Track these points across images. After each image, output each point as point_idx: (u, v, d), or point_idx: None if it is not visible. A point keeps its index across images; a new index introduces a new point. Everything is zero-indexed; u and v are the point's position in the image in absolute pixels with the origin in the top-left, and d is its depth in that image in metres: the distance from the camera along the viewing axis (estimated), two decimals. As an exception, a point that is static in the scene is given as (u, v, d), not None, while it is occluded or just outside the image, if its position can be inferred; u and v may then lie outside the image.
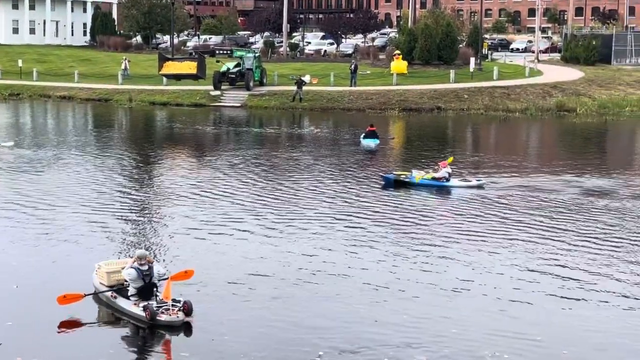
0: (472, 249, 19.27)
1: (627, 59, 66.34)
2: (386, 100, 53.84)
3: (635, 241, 20.28)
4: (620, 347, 13.56)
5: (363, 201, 24.93)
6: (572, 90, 55.96)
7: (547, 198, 25.47)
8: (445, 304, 15.48)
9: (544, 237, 20.63)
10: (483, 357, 13.08)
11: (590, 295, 16.00)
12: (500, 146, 41.82)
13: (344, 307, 15.33)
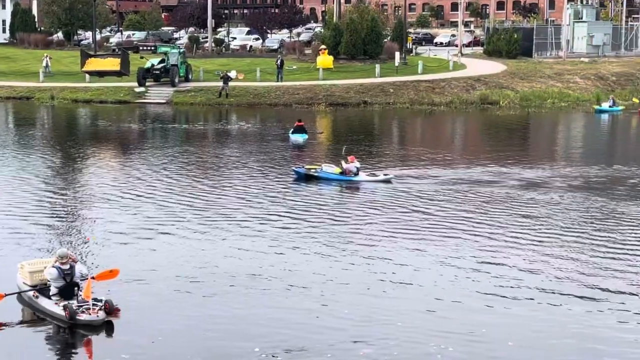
0: (397, 245, 19.35)
1: (547, 52, 67.60)
2: (313, 95, 53.89)
3: (561, 233, 20.67)
4: (554, 344, 13.80)
5: (285, 198, 24.88)
6: (495, 83, 56.84)
7: (471, 190, 25.81)
8: (382, 300, 15.51)
9: (471, 231, 20.88)
10: (429, 351, 13.17)
11: (521, 292, 16.14)
12: (425, 139, 42.24)
13: (280, 304, 15.29)
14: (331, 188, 26.47)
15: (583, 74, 60.09)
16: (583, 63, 63.46)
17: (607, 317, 14.55)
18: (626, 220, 21.78)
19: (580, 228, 20.95)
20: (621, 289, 15.98)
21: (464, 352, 13.12)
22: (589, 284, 16.33)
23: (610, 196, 24.87)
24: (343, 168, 27.27)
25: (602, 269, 17.29)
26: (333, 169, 27.62)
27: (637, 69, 61.94)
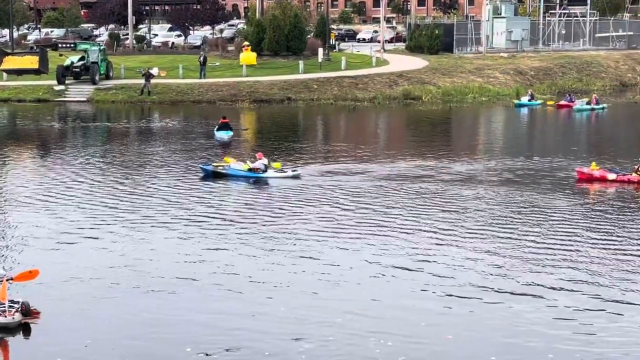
0: (327, 244, 19.32)
1: (468, 48, 68.56)
2: (237, 92, 53.61)
3: (490, 228, 20.97)
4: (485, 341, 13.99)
5: (210, 198, 24.73)
6: (417, 78, 57.40)
7: (398, 186, 26.01)
8: (318, 299, 15.48)
9: (401, 227, 21.03)
10: (369, 346, 13.22)
11: (455, 289, 16.23)
12: (350, 135, 42.40)
13: (211, 306, 15.16)
14: (255, 186, 26.40)
15: (502, 69, 61.14)
16: (502, 58, 64.56)
17: (542, 313, 14.70)
18: (552, 213, 22.20)
19: (508, 222, 21.25)
20: (554, 284, 16.13)
21: (404, 347, 13.21)
22: (523, 279, 16.48)
23: (534, 189, 25.34)
24: (251, 165, 27.20)
25: (533, 264, 17.49)
26: (241, 165, 27.55)
27: (554, 64, 63.34)
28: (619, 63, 66.15)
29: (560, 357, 12.89)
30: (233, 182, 26.66)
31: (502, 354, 13.02)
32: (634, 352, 13.08)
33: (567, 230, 20.37)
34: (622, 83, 63.28)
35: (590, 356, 12.91)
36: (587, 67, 63.91)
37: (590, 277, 16.61)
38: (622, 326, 14.10)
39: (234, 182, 26.66)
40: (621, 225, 20.96)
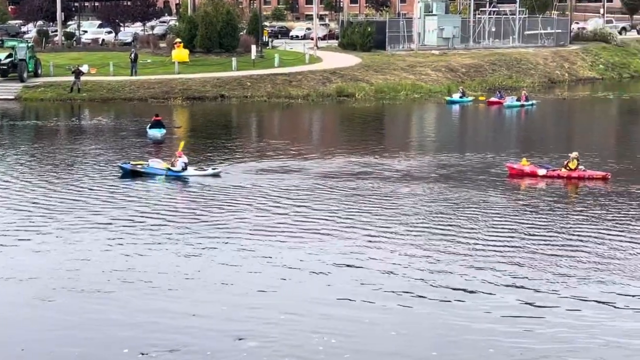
0: (264, 243, 19.26)
1: (400, 45, 69.03)
2: (169, 89, 53.07)
3: (427, 225, 21.15)
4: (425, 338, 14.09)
5: (140, 197, 24.55)
6: (350, 76, 57.59)
7: (333, 184, 26.07)
8: (259, 298, 15.39)
9: (338, 225, 21.08)
10: (312, 343, 13.24)
11: (397, 286, 16.35)
12: (284, 132, 42.32)
13: (150, 306, 15.00)
14: (190, 185, 26.18)
15: (434, 66, 61.72)
16: (434, 55, 65.18)
17: (482, 308, 14.85)
18: (485, 209, 22.47)
19: (445, 219, 21.41)
20: (493, 280, 16.31)
21: (348, 345, 13.25)
22: (461, 275, 16.62)
23: (468, 185, 25.64)
24: (168, 167, 26.99)
25: (471, 261, 17.67)
26: (160, 164, 27.34)
27: (485, 61, 64.17)
28: (547, 60, 67.36)
29: (501, 351, 13.06)
30: (167, 182, 26.38)
31: (444, 349, 13.14)
32: (574, 345, 13.30)
33: (503, 226, 20.66)
34: (551, 80, 64.45)
35: (531, 350, 13.07)
36: (517, 64, 64.92)
37: (527, 272, 16.87)
38: (561, 320, 14.30)
39: (168, 182, 26.38)
40: (553, 220, 21.34)
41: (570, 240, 19.38)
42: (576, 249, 18.55)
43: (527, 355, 12.87)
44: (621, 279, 16.37)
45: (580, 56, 70.04)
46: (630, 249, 18.48)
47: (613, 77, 68.24)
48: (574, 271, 16.87)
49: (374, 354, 13.06)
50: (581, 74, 67.49)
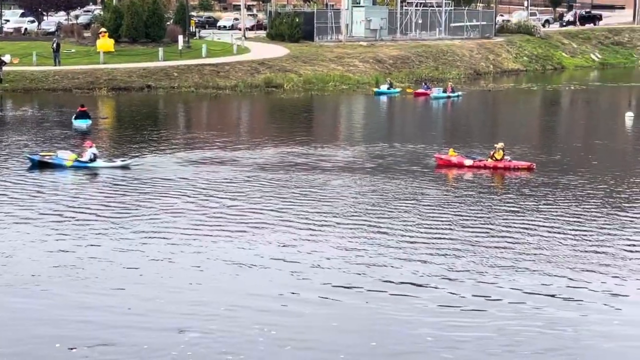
0: (193, 236, 19.10)
1: (328, 36, 69.11)
2: (94, 79, 52.15)
3: (364, 217, 21.22)
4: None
5: (58, 188, 24.22)
6: (278, 66, 57.47)
7: (263, 175, 26.00)
8: (197, 292, 15.27)
9: (271, 217, 21.02)
10: (252, 334, 13.20)
11: (336, 279, 16.44)
12: (212, 124, 42.04)
13: (84, 299, 14.76)
14: (117, 178, 25.78)
15: (362, 57, 61.99)
16: (362, 47, 65.44)
17: (421, 300, 14.92)
18: (415, 200, 22.68)
19: (377, 210, 21.51)
20: (427, 272, 16.39)
21: (288, 336, 13.24)
22: (399, 268, 16.65)
23: (397, 176, 25.82)
24: (77, 158, 26.63)
25: (407, 252, 17.75)
26: (68, 155, 26.96)
27: (412, 53, 64.71)
28: (473, 52, 68.26)
29: (442, 341, 13.12)
30: (61, 173, 25.92)
31: (383, 340, 13.18)
32: (512, 337, 13.42)
33: (433, 217, 20.84)
34: (476, 71, 65.35)
35: (471, 340, 13.18)
36: (443, 56, 65.64)
37: (458, 262, 17.04)
38: (498, 310, 14.42)
39: (89, 175, 25.97)
40: (481, 211, 21.61)
41: (499, 230, 19.67)
42: (505, 239, 18.82)
43: (466, 346, 12.98)
44: (552, 269, 16.62)
45: (504, 48, 71.17)
46: (557, 239, 18.82)
47: (537, 69, 69.55)
48: (505, 262, 17.09)
49: (314, 344, 13.06)
50: (506, 65, 68.60)
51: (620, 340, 13.23)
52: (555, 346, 12.96)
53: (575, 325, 13.78)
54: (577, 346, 13.03)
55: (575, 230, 19.54)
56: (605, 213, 21.26)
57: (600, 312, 14.41)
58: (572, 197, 23.13)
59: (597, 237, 19.02)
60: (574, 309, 14.57)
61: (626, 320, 14.13)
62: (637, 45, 78.72)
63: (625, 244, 18.43)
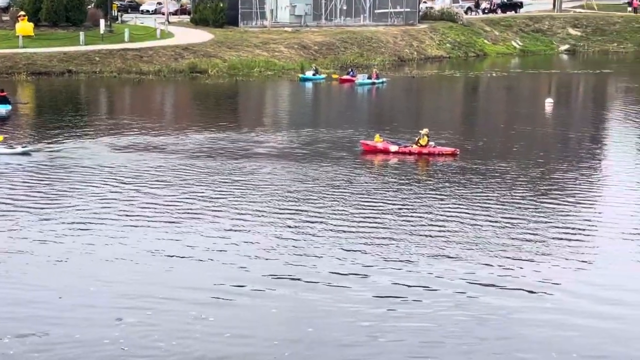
0: (114, 223, 18.90)
1: (253, 21, 68.73)
2: (13, 64, 50.83)
3: (282, 205, 21.17)
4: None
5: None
6: (203, 52, 56.94)
7: (187, 163, 25.76)
8: (128, 281, 15.11)
9: (195, 205, 20.83)
10: (186, 324, 13.08)
11: (251, 275, 16.37)
12: (136, 109, 41.44)
13: (11, 292, 14.45)
14: (35, 166, 25.20)
15: (287, 43, 61.84)
16: (287, 32, 65.26)
17: (355, 289, 14.89)
18: (343, 187, 22.72)
19: (306, 197, 21.50)
20: (368, 262, 16.36)
21: (225, 323, 13.25)
22: (331, 258, 16.57)
23: (324, 162, 25.91)
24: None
25: (335, 240, 17.73)
26: None
27: (337, 39, 64.79)
28: (397, 39, 68.70)
29: (380, 331, 13.15)
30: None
31: (320, 330, 13.18)
32: (451, 324, 13.54)
33: (361, 204, 20.93)
34: (400, 58, 65.80)
35: (409, 329, 13.23)
36: (368, 42, 65.90)
37: (393, 251, 17.09)
38: (433, 302, 14.44)
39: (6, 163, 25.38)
40: (408, 197, 21.79)
41: (428, 217, 19.81)
42: (435, 226, 18.94)
43: (404, 336, 13.01)
44: (482, 256, 16.76)
45: (428, 35, 71.82)
46: (486, 225, 19.00)
47: (459, 56, 70.35)
48: (436, 250, 17.22)
49: (254, 333, 12.99)
50: (429, 52, 69.24)
51: (553, 327, 13.37)
52: (490, 335, 13.02)
53: (509, 314, 13.87)
54: (510, 335, 13.07)
55: (502, 216, 19.78)
56: (529, 198, 21.63)
57: (533, 300, 14.52)
58: (496, 182, 23.50)
59: (525, 223, 19.23)
60: (507, 296, 14.64)
61: (558, 307, 14.23)
62: (556, 33, 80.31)
63: (552, 230, 18.70)
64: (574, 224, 19.16)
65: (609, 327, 13.39)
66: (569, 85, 55.40)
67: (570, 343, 12.81)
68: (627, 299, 14.56)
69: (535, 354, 12.36)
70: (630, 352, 12.54)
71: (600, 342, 12.86)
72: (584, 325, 13.40)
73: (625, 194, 22.30)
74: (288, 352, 12.29)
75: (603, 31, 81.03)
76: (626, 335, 13.14)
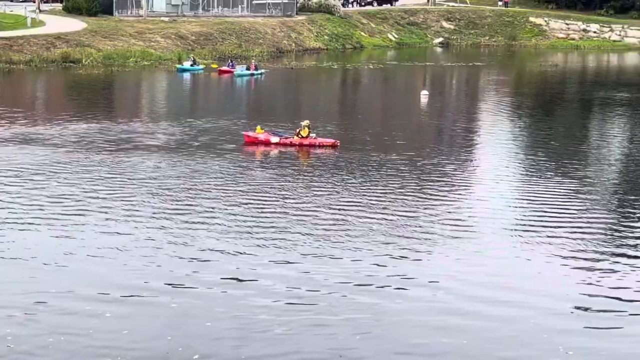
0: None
1: (128, 10, 67.38)
2: None
3: (170, 200, 20.83)
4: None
5: None
6: (76, 41, 55.45)
7: (59, 156, 25.07)
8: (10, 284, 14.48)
9: (76, 200, 20.27)
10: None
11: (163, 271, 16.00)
12: (4, 100, 39.91)
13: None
14: None
15: (164, 33, 60.93)
16: (163, 22, 64.32)
17: (242, 291, 14.45)
18: (225, 179, 22.52)
19: (191, 191, 21.11)
20: (254, 260, 15.88)
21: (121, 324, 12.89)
22: (235, 254, 16.18)
23: (207, 154, 25.65)
24: None
25: (222, 238, 17.49)
26: None
27: (215, 29, 64.29)
28: (275, 30, 68.72)
29: (285, 326, 12.98)
30: None
31: (215, 327, 13.03)
32: (339, 323, 13.45)
33: (246, 198, 20.72)
34: (279, 49, 65.89)
35: (295, 333, 12.99)
36: (246, 33, 65.66)
37: (273, 247, 17.00)
38: (312, 300, 14.29)
39: None
40: (293, 189, 21.75)
41: (311, 210, 19.70)
42: (313, 219, 18.87)
43: (286, 341, 12.77)
44: (365, 250, 16.69)
45: (306, 27, 72.15)
46: (367, 217, 19.01)
47: (337, 48, 71.00)
48: (317, 246, 17.15)
49: (144, 330, 12.75)
50: (307, 44, 69.58)
51: (426, 327, 13.19)
52: (362, 335, 12.70)
53: (381, 312, 13.54)
54: (382, 334, 12.79)
55: (385, 207, 19.73)
56: (408, 190, 21.72)
57: (407, 298, 14.21)
58: (375, 174, 23.67)
59: (403, 217, 19.08)
60: (379, 294, 14.31)
61: (433, 306, 13.98)
62: (431, 26, 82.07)
63: (429, 224, 18.60)
64: (451, 218, 19.02)
65: (482, 326, 13.05)
66: (443, 78, 56.72)
67: (440, 344, 12.42)
68: (503, 297, 14.23)
69: (407, 357, 12.10)
70: (500, 353, 12.33)
71: (470, 342, 12.48)
72: (455, 324, 13.03)
73: (499, 185, 22.79)
74: (181, 347, 12.10)
75: (475, 25, 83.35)
76: (500, 334, 12.84)
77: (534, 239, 17.39)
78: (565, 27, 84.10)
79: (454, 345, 12.36)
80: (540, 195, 21.25)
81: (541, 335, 12.76)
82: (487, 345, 12.46)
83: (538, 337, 12.73)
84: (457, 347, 12.33)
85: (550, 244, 17.03)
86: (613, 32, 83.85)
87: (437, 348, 12.33)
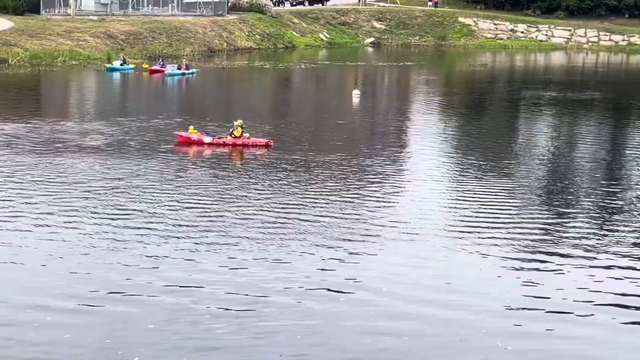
0: None
1: (56, 9, 66.25)
2: None
3: (105, 201, 20.48)
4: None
5: None
6: (2, 40, 54.33)
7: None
8: None
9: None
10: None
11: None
12: None
13: None
14: None
15: (93, 32, 60.06)
16: (92, 21, 63.42)
17: (177, 299, 14.44)
18: (157, 181, 22.26)
19: (125, 193, 20.81)
20: (175, 270, 15.79)
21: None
22: (176, 260, 15.90)
23: (139, 156, 25.32)
24: None
25: (155, 240, 17.39)
26: None
27: (145, 28, 63.62)
28: (206, 29, 68.30)
29: (229, 333, 12.92)
30: None
31: (162, 331, 12.86)
32: (290, 328, 13.38)
33: (179, 198, 20.50)
34: (210, 49, 65.53)
35: (235, 339, 13.03)
36: (177, 32, 65.14)
37: (206, 250, 16.89)
38: (265, 307, 14.30)
39: None
40: (224, 189, 21.54)
41: (245, 210, 19.59)
42: (252, 218, 18.71)
43: (218, 344, 12.79)
44: (286, 254, 16.58)
45: (237, 26, 71.89)
46: (303, 216, 19.03)
47: (269, 47, 70.93)
48: (250, 252, 16.99)
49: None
50: (239, 43, 69.35)
51: (358, 332, 13.36)
52: (319, 336, 12.71)
53: (311, 316, 13.42)
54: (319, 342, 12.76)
55: (322, 209, 19.64)
56: (340, 191, 21.68)
57: (337, 301, 14.08)
58: (308, 174, 23.51)
59: (344, 216, 19.07)
60: (335, 294, 14.24)
61: (362, 308, 13.87)
62: (362, 26, 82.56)
63: (361, 225, 18.57)
64: (388, 220, 18.90)
65: (422, 329, 13.02)
66: (374, 77, 57.08)
67: (386, 351, 12.33)
68: (443, 299, 14.23)
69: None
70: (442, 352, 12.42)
71: (413, 344, 12.51)
72: (398, 328, 12.98)
73: (433, 185, 22.87)
74: (122, 353, 11.88)
75: (406, 25, 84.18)
76: (442, 337, 12.83)
77: (471, 240, 17.51)
78: (493, 27, 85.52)
79: (399, 349, 12.38)
80: (474, 195, 21.46)
81: (479, 336, 12.87)
82: (431, 348, 12.52)
83: (477, 337, 12.82)
84: (402, 350, 12.36)
85: (486, 245, 17.17)
86: (540, 32, 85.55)
87: (384, 354, 12.26)
